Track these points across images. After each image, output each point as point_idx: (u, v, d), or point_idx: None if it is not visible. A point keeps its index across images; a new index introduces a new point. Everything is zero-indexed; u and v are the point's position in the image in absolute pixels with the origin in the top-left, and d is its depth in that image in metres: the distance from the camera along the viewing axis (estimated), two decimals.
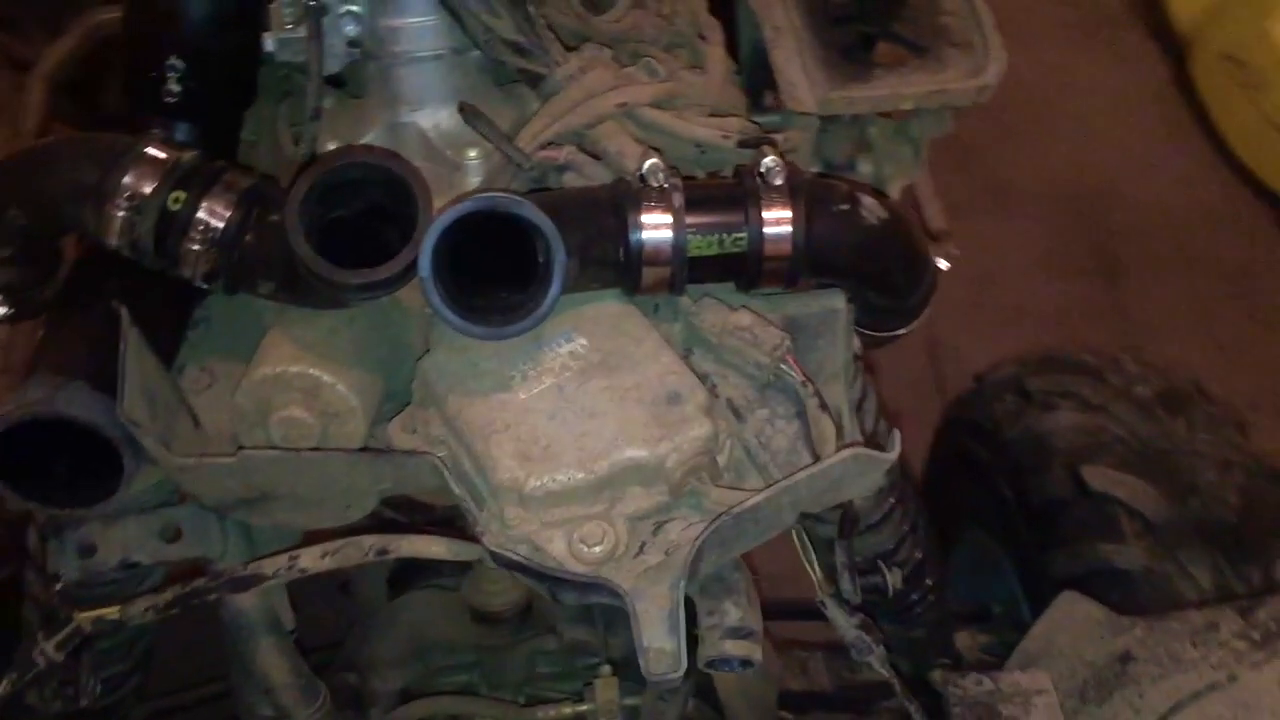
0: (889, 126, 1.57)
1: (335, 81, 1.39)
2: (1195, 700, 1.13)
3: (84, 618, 1.19)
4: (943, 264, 1.36)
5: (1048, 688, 1.23)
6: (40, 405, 1.05)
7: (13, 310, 1.23)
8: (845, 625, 1.27)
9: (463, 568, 1.71)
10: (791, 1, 1.51)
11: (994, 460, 1.98)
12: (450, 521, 1.60)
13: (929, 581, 1.67)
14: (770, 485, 1.11)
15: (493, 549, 1.07)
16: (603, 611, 1.70)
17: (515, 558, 1.06)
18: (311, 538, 1.27)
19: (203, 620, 1.32)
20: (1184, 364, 2.14)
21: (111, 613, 1.19)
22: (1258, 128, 3.51)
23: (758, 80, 1.62)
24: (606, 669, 1.67)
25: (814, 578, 1.27)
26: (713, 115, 1.36)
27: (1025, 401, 1.97)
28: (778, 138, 1.34)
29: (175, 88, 1.30)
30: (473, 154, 1.30)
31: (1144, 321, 3.34)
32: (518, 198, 1.06)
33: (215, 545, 1.28)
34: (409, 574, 1.76)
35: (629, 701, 1.64)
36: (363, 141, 1.33)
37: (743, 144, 1.31)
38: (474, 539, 1.16)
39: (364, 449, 1.16)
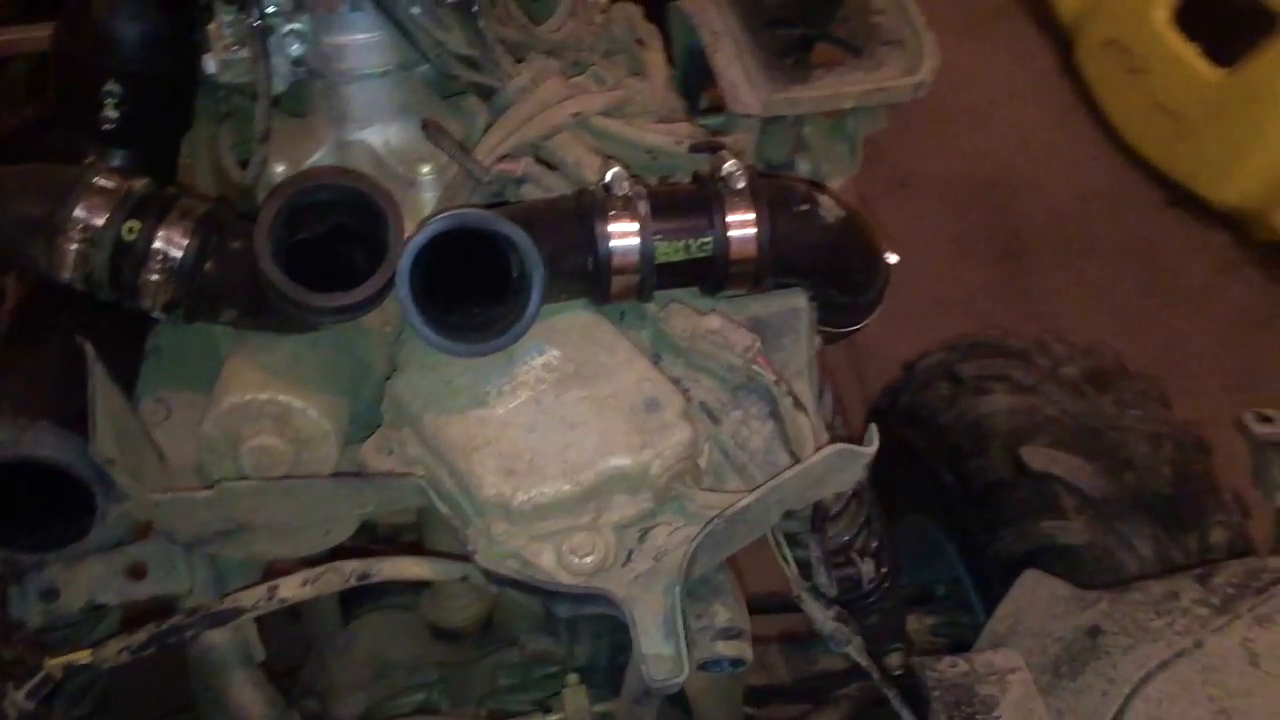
0: (824, 125, 1.60)
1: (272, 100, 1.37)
2: (1166, 667, 1.17)
3: (54, 664, 1.15)
4: (892, 258, 1.39)
5: (1020, 665, 1.26)
6: (6, 447, 1.01)
7: None
8: (823, 617, 1.29)
9: (417, 586, 1.70)
10: (726, 6, 1.53)
11: (931, 446, 2.02)
12: (392, 540, 1.59)
13: (884, 569, 1.70)
14: (754, 486, 1.13)
15: (485, 566, 1.06)
16: (567, 620, 1.70)
17: (508, 574, 1.06)
18: (282, 567, 1.25)
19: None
20: (1089, 340, 2.21)
21: (83, 656, 1.16)
22: (1143, 110, 3.64)
23: (693, 84, 1.64)
24: (573, 677, 1.67)
25: (789, 573, 1.29)
26: (660, 121, 1.37)
27: (958, 387, 2.01)
28: (726, 140, 1.36)
29: (113, 114, 1.27)
30: (425, 169, 1.29)
31: (1049, 302, 3.44)
32: (491, 214, 1.06)
33: (182, 581, 1.25)
34: (359, 595, 1.74)
35: (599, 709, 1.64)
36: (311, 160, 1.31)
37: (694, 148, 1.32)
38: (456, 557, 1.16)
39: (345, 473, 1.14)
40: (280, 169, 1.29)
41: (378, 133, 1.31)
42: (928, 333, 2.34)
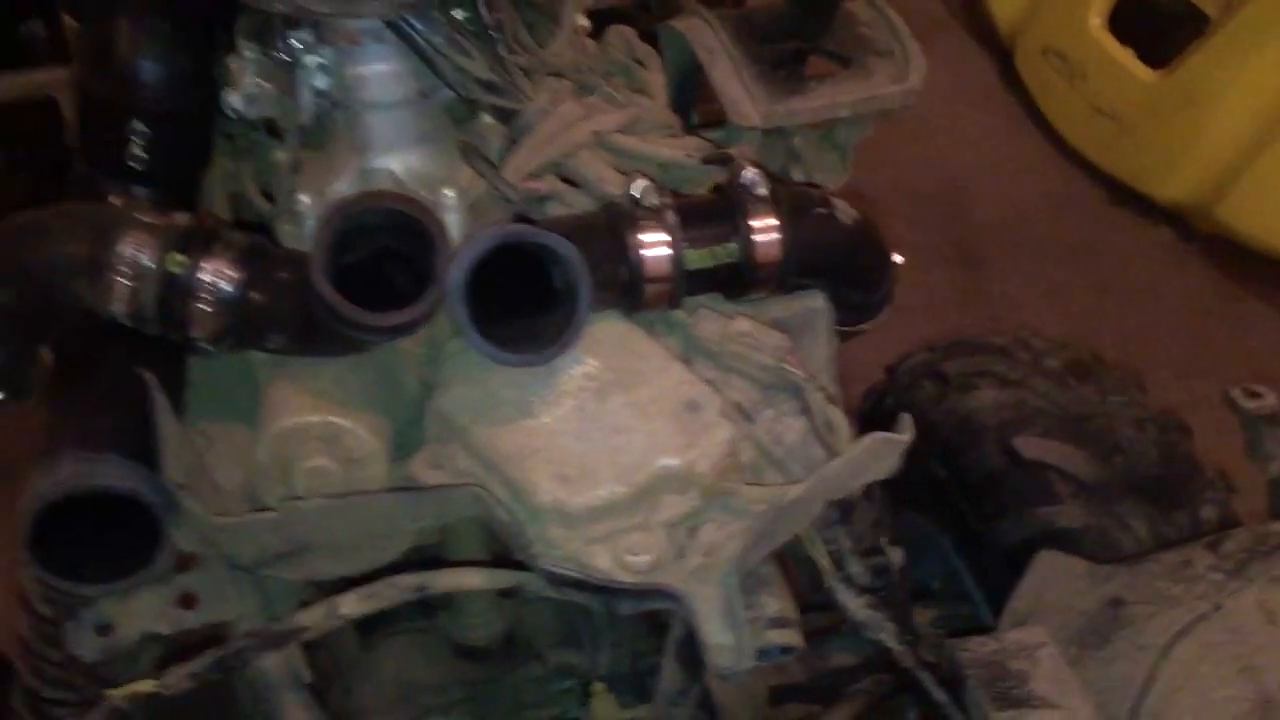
0: (814, 136, 1.66)
1: (274, 131, 1.39)
2: (1190, 631, 1.23)
3: (117, 694, 1.16)
4: (898, 259, 1.45)
5: (1046, 640, 1.32)
6: (79, 479, 1.03)
7: (9, 394, 1.19)
8: (856, 606, 1.34)
9: (433, 608, 1.72)
10: (719, 24, 1.59)
11: (922, 443, 2.07)
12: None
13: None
14: (792, 480, 1.18)
15: (548, 569, 1.10)
16: (589, 630, 1.73)
17: (572, 575, 1.09)
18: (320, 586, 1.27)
19: None
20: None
21: (146, 686, 1.17)
22: (1083, 114, 3.76)
23: (684, 102, 1.70)
24: (599, 686, 1.70)
25: (822, 564, 1.34)
26: (670, 136, 1.42)
27: (944, 385, 2.07)
28: (733, 152, 1.41)
29: (140, 152, 1.29)
30: (449, 192, 1.32)
31: (1007, 303, 3.54)
32: (536, 228, 1.10)
33: (233, 607, 1.27)
34: (375, 618, 1.76)
35: (627, 715, 1.67)
36: (335, 188, 1.34)
37: (706, 161, 1.37)
38: (510, 566, 1.19)
39: (403, 487, 1.17)
40: (305, 199, 1.32)
41: (400, 159, 1.34)
42: (894, 339, 2.41)
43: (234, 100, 1.30)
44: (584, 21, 1.52)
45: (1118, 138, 3.66)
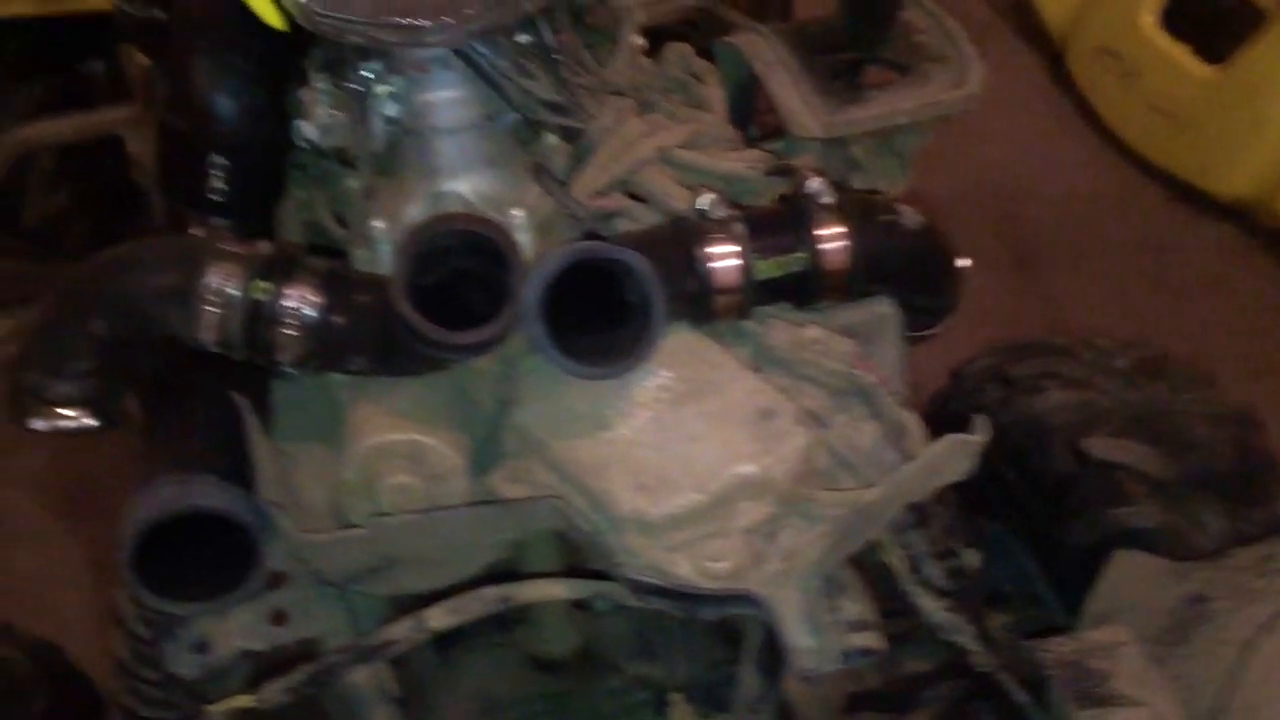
0: (872, 144, 1.67)
1: (344, 159, 1.43)
2: (1275, 626, 1.23)
3: (217, 710, 1.20)
4: (965, 263, 1.45)
5: (1127, 639, 1.32)
6: (177, 500, 1.07)
7: (101, 421, 1.24)
8: (934, 609, 1.35)
9: (508, 623, 1.74)
10: (775, 38, 1.60)
11: (990, 446, 2.07)
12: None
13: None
14: (866, 484, 1.19)
15: (631, 578, 1.12)
16: (664, 641, 1.75)
17: (655, 583, 1.11)
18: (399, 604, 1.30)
19: None
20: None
21: (245, 701, 1.20)
22: (1139, 112, 3.73)
23: (741, 116, 1.71)
24: (676, 695, 1.71)
25: (898, 568, 1.35)
26: (731, 150, 1.44)
27: (1010, 388, 2.07)
28: (796, 163, 1.43)
29: (220, 185, 1.33)
30: (517, 212, 1.35)
31: (1065, 305, 3.52)
32: (608, 245, 1.12)
33: (321, 623, 1.30)
34: (453, 634, 1.79)
35: None
36: (406, 213, 1.37)
37: (769, 173, 1.39)
38: (594, 576, 1.21)
39: (487, 501, 1.20)
40: (379, 224, 1.35)
41: (469, 182, 1.37)
42: (953, 344, 2.41)
43: (308, 130, 1.33)
44: (640, 40, 1.54)
45: (1175, 135, 3.63)
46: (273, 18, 1.22)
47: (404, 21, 1.17)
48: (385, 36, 1.21)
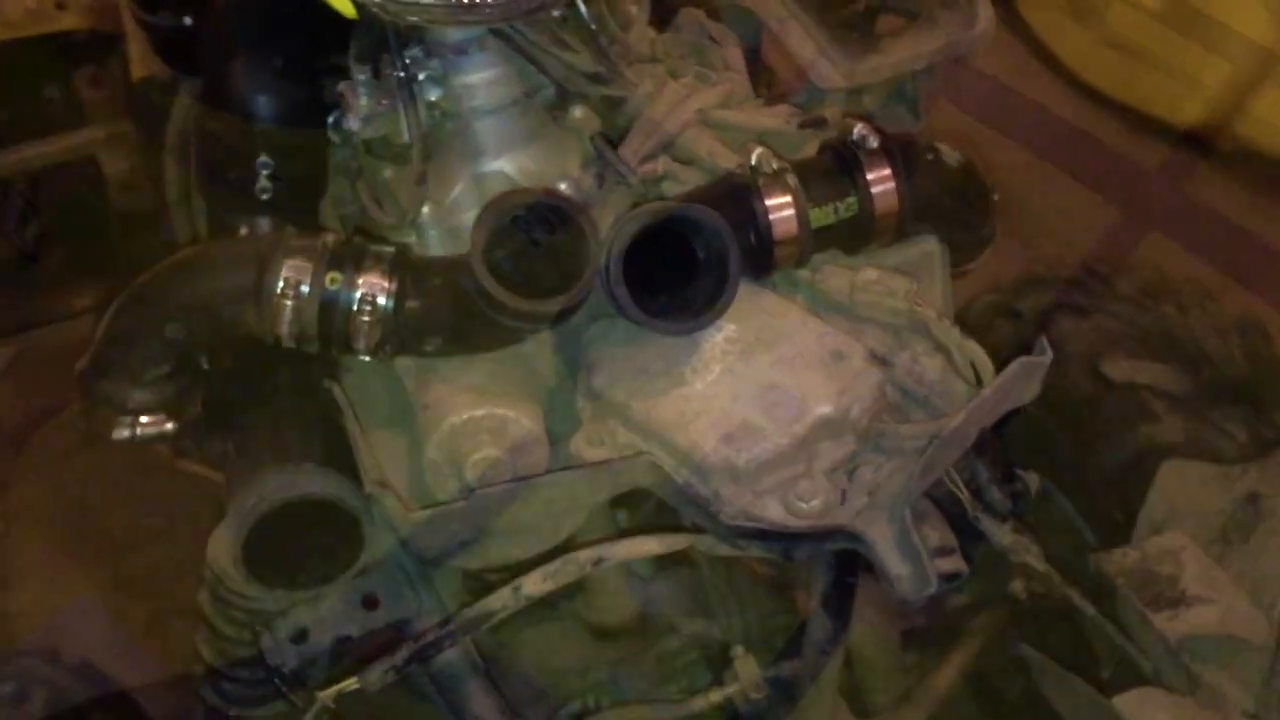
0: (881, 91, 1.71)
1: (375, 151, 1.44)
2: None
3: (327, 694, 1.22)
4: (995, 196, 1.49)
5: (1187, 543, 1.37)
6: (286, 489, 1.08)
7: (176, 424, 1.25)
8: (1000, 533, 1.39)
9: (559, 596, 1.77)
10: None
11: None
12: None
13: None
14: (939, 415, 1.23)
15: (730, 524, 1.15)
16: (719, 597, 1.78)
17: (753, 527, 1.14)
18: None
19: None
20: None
21: (351, 684, 1.22)
22: (1094, 48, 3.81)
23: (751, 77, 1.74)
24: (738, 648, 1.75)
25: (962, 496, 1.39)
26: (764, 106, 1.47)
27: (1020, 321, 2.12)
28: (826, 115, 1.46)
29: (267, 184, 1.34)
30: (563, 185, 1.37)
31: (1046, 244, 3.58)
32: (680, 204, 1.15)
33: (411, 604, 1.32)
34: None
35: (769, 674, 1.72)
36: (452, 196, 1.38)
37: (803, 125, 1.42)
38: (677, 529, 1.24)
39: (580, 466, 1.22)
40: (425, 209, 1.37)
41: (511, 160, 1.38)
42: None
43: (350, 122, 1.34)
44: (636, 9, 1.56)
45: (1131, 67, 3.71)
46: (346, 8, 1.21)
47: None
48: (429, 15, 1.22)
